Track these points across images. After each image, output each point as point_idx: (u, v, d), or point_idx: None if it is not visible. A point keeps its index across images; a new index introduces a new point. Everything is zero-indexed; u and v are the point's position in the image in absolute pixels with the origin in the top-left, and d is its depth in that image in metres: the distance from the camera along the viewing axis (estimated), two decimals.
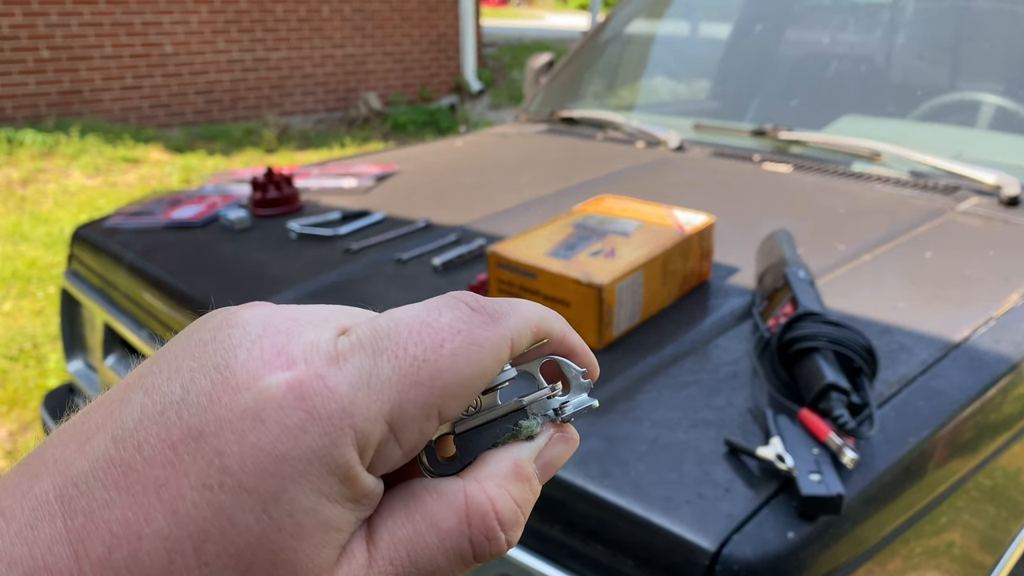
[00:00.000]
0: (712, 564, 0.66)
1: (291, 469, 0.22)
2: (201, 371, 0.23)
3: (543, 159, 1.88)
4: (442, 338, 0.24)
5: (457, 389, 0.24)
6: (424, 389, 0.24)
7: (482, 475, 0.26)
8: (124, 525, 0.21)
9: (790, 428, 0.76)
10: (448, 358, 0.24)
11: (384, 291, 1.18)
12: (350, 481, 0.23)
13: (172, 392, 0.23)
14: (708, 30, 2.58)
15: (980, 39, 1.90)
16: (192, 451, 0.22)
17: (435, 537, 0.24)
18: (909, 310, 1.03)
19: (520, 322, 0.27)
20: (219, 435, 0.22)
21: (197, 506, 0.21)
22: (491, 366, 0.25)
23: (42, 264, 3.55)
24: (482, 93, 8.06)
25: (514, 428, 0.28)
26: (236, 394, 0.22)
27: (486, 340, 0.25)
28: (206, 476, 0.21)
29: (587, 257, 1.01)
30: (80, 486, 0.22)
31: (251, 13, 6.55)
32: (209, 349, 0.23)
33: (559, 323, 0.29)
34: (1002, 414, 0.91)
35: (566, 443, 0.28)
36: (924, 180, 1.52)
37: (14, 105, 5.58)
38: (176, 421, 0.22)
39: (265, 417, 0.22)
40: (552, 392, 0.28)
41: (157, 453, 0.22)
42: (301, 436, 0.22)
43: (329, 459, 0.22)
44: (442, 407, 0.24)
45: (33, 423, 2.36)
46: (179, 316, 1.25)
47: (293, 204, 1.54)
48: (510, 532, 0.26)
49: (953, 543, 0.86)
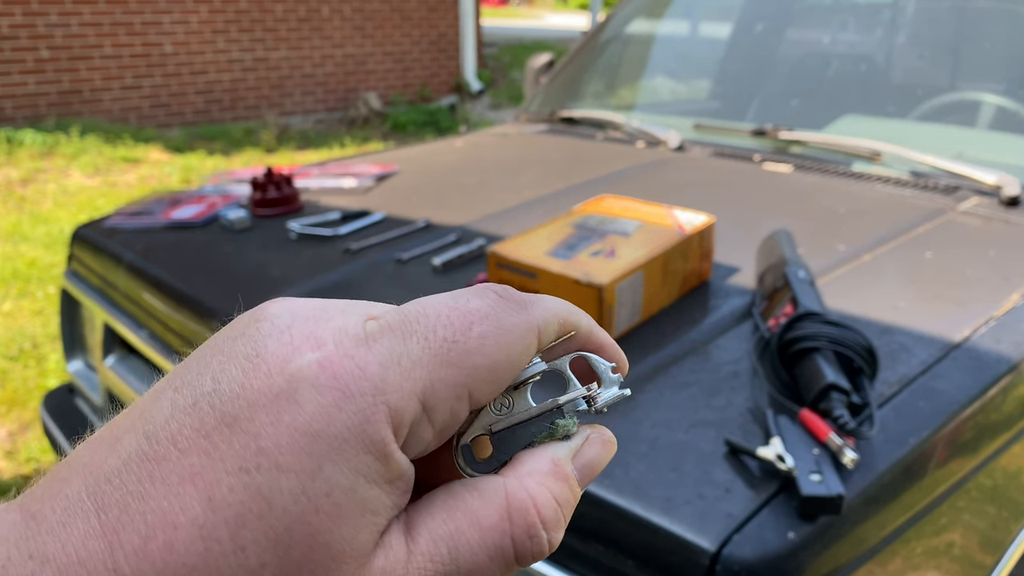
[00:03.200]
0: (712, 564, 0.66)
1: (327, 447, 0.22)
2: (231, 362, 0.23)
3: (543, 159, 1.87)
4: (471, 321, 0.25)
5: (486, 372, 0.25)
6: (454, 369, 0.24)
7: (521, 473, 0.26)
8: (159, 515, 0.21)
9: (790, 428, 0.76)
10: (477, 340, 0.25)
11: (384, 291, 1.18)
12: (385, 459, 0.22)
13: (203, 384, 0.23)
14: (708, 30, 2.58)
15: (980, 39, 1.90)
16: (227, 437, 0.22)
17: (476, 533, 0.24)
18: (909, 310, 1.03)
19: (546, 312, 0.27)
20: (254, 419, 0.22)
21: (234, 490, 0.21)
22: (519, 352, 0.26)
23: (42, 264, 3.55)
24: (482, 93, 8.06)
25: (550, 427, 0.27)
26: (269, 378, 0.22)
27: (514, 326, 0.26)
28: (243, 460, 0.21)
29: (587, 257, 1.01)
30: (113, 481, 0.22)
31: (251, 13, 6.55)
32: (239, 343, 0.24)
33: (585, 318, 0.29)
34: (1002, 414, 0.91)
35: (603, 445, 0.28)
36: (924, 180, 1.52)
37: (14, 105, 5.57)
38: (209, 410, 0.22)
39: (299, 397, 0.22)
40: (588, 392, 0.28)
41: (192, 443, 0.22)
42: (336, 414, 0.22)
43: (364, 436, 0.22)
44: (472, 388, 0.24)
45: (33, 423, 2.36)
46: (179, 316, 1.25)
47: (293, 204, 1.54)
48: (552, 531, 0.25)
49: (953, 543, 0.86)
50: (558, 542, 0.26)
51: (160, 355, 1.28)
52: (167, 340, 1.28)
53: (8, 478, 2.11)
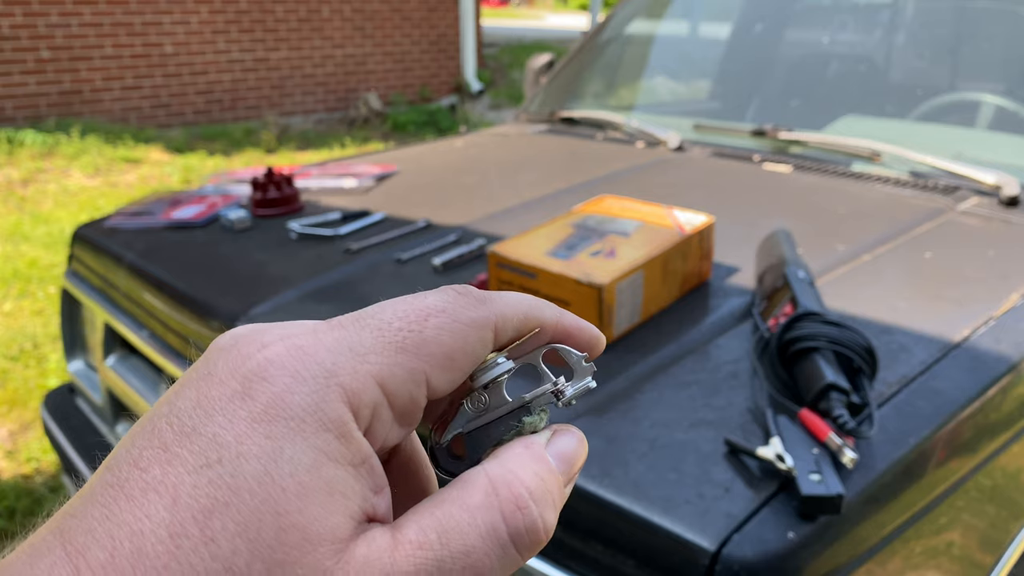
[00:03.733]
0: (712, 564, 0.66)
1: (284, 428, 0.22)
2: (186, 387, 0.23)
3: (543, 159, 1.88)
4: (427, 314, 0.25)
5: (443, 359, 0.25)
6: (410, 355, 0.24)
7: (500, 460, 0.26)
8: (125, 527, 0.21)
9: (790, 428, 0.76)
10: (433, 330, 0.25)
11: (384, 291, 1.18)
12: (345, 439, 0.22)
13: (159, 410, 0.23)
14: (708, 30, 2.58)
15: (980, 39, 1.90)
16: (186, 444, 0.22)
17: (465, 514, 0.24)
18: (909, 310, 1.03)
19: (505, 307, 0.27)
20: (211, 421, 0.22)
21: (197, 486, 0.21)
22: (475, 342, 0.26)
23: (42, 264, 3.55)
24: (482, 93, 8.07)
25: (517, 425, 0.28)
26: (222, 385, 0.23)
27: (470, 319, 0.26)
28: (204, 458, 0.21)
29: (587, 257, 1.01)
30: (76, 515, 0.21)
31: (251, 13, 6.55)
32: (191, 373, 0.24)
33: (550, 309, 0.29)
34: (1002, 414, 0.91)
35: (573, 435, 0.28)
36: (924, 180, 1.52)
37: (14, 105, 5.58)
38: (166, 428, 0.22)
39: (252, 392, 0.22)
40: (555, 386, 0.28)
41: (152, 460, 0.22)
42: (289, 396, 0.22)
43: (321, 414, 0.22)
44: (430, 375, 0.25)
45: (34, 423, 2.36)
46: (179, 316, 1.25)
47: (293, 204, 1.55)
48: (540, 504, 0.24)
49: (953, 543, 0.86)
50: (551, 522, 0.25)
51: (161, 355, 1.28)
52: (167, 340, 1.28)
53: (8, 478, 2.11)
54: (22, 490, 2.06)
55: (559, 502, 0.26)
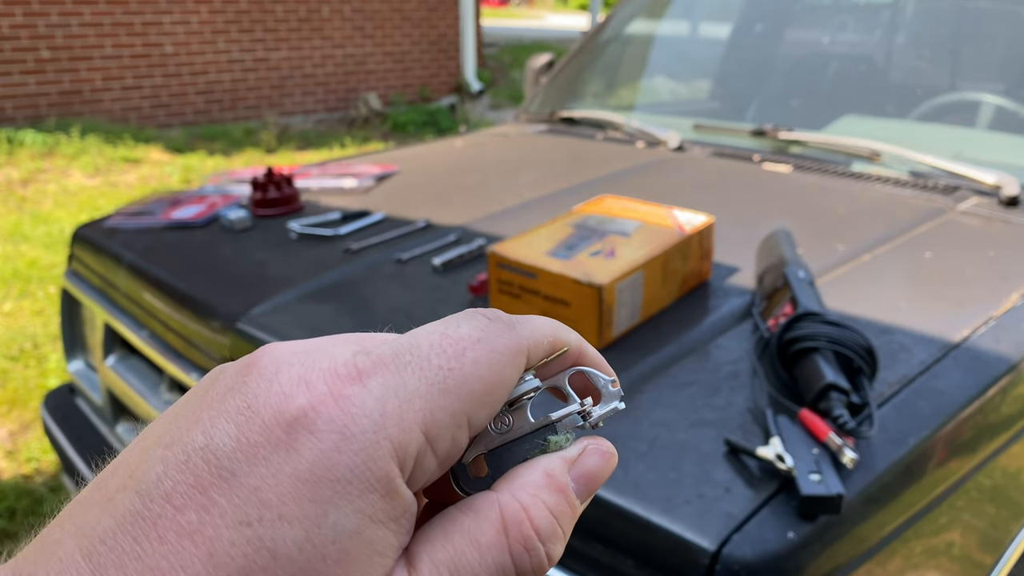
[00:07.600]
0: (712, 564, 0.66)
1: (330, 492, 0.21)
2: (223, 416, 0.23)
3: (543, 159, 1.88)
4: (463, 347, 0.25)
5: (484, 396, 0.25)
6: (453, 396, 0.24)
7: (514, 486, 0.26)
8: (158, 574, 0.20)
9: (790, 428, 0.76)
10: (471, 365, 0.25)
11: (384, 291, 1.18)
12: (391, 496, 0.22)
13: (194, 439, 0.22)
14: (708, 30, 2.58)
15: (980, 39, 1.90)
16: (225, 492, 0.21)
17: (475, 553, 0.24)
18: (909, 310, 1.03)
19: (535, 331, 0.27)
20: (253, 472, 0.21)
21: (235, 544, 0.21)
22: (510, 372, 0.26)
23: (42, 264, 3.55)
24: (482, 93, 8.07)
25: (543, 443, 0.28)
26: (265, 431, 0.22)
27: (505, 347, 0.26)
28: (243, 513, 0.21)
29: (587, 257, 1.01)
30: (108, 542, 0.21)
31: (251, 13, 6.55)
32: (228, 398, 0.23)
33: (575, 336, 0.30)
34: (1002, 414, 0.91)
35: (601, 456, 0.28)
36: (924, 180, 1.52)
37: (14, 105, 5.58)
38: (203, 466, 0.22)
39: (298, 446, 0.22)
40: (583, 407, 0.29)
41: (188, 500, 0.21)
42: (336, 457, 0.22)
43: (369, 475, 0.22)
44: (471, 414, 0.25)
45: (34, 423, 2.36)
46: (179, 316, 1.25)
47: (293, 204, 1.55)
48: (549, 543, 0.25)
49: (953, 543, 0.86)
50: (557, 555, 0.25)
51: (161, 355, 1.28)
52: (167, 340, 1.28)
53: (8, 478, 2.11)
54: (22, 490, 2.06)
55: (570, 527, 0.26)
